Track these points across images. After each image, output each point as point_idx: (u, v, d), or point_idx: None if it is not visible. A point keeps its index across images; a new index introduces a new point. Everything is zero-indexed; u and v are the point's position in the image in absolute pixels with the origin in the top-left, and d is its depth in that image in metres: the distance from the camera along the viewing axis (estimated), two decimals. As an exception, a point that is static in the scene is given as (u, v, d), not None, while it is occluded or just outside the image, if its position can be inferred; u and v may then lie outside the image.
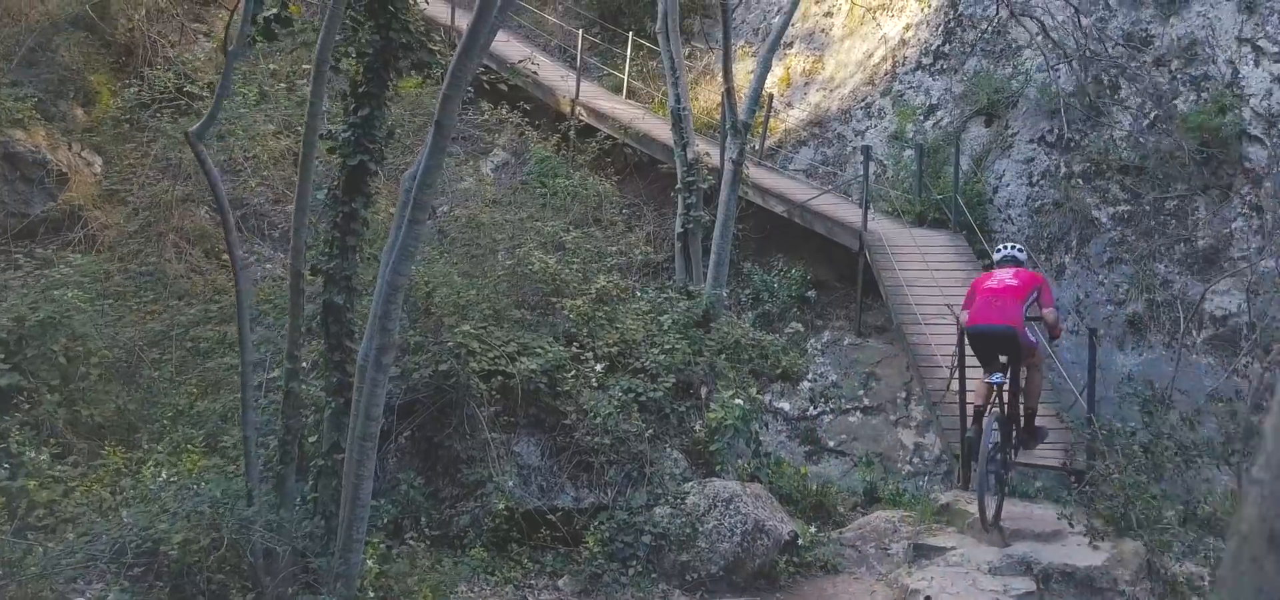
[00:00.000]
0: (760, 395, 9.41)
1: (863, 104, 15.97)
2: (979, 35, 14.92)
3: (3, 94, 13.45)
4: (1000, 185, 14.22)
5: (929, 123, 15.14)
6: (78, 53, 16.10)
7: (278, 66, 12.34)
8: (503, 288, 9.65)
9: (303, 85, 10.72)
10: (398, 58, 7.17)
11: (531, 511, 8.24)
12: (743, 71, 16.05)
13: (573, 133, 16.03)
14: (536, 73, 16.74)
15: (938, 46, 15.59)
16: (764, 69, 11.24)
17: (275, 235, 12.92)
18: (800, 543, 8.33)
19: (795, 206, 13.93)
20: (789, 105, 16.89)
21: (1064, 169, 13.89)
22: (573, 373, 8.75)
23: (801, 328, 11.51)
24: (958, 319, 9.17)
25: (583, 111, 16.55)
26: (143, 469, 7.05)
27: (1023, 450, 8.63)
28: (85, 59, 16.21)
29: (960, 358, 9.05)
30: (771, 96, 16.10)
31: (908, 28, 16.04)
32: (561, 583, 7.82)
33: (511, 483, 8.27)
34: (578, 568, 7.84)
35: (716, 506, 8.23)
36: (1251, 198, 12.81)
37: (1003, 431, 8.18)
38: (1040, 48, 13.91)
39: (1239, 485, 8.14)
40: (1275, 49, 13.23)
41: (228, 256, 6.36)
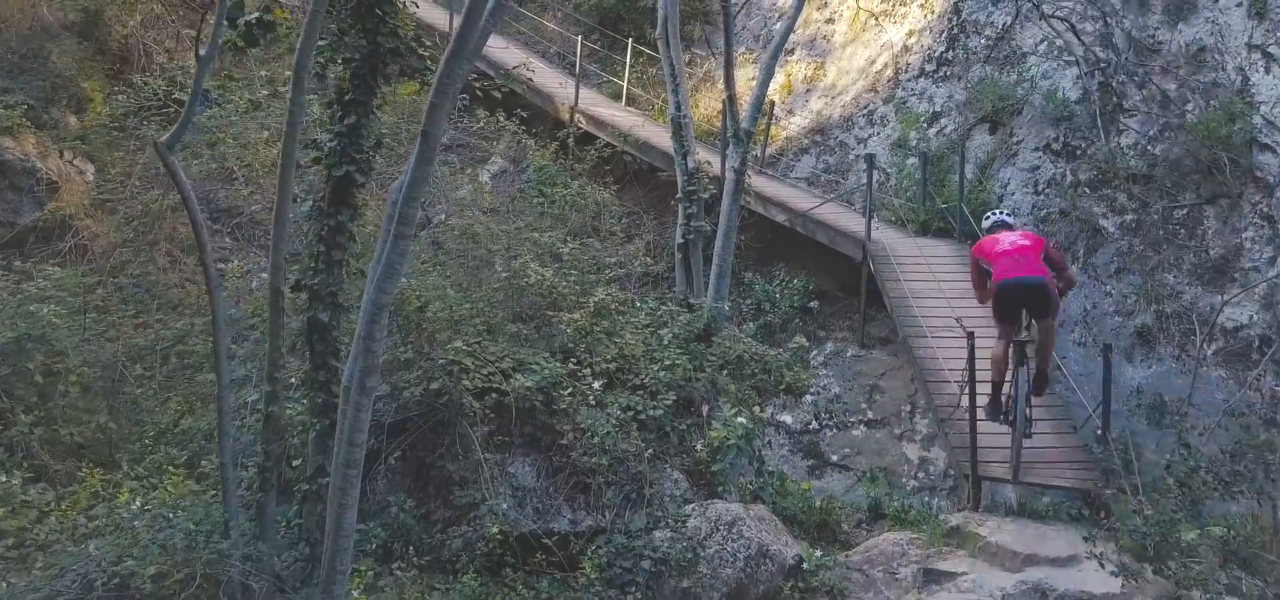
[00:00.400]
0: (762, 412, 8.98)
1: (865, 111, 15.55)
2: (987, 42, 14.51)
3: (-8, 101, 13.08)
4: (1005, 194, 13.79)
5: (932, 130, 14.72)
6: (71, 59, 15.70)
7: (270, 73, 11.92)
8: (498, 300, 9.24)
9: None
10: (386, 64, 6.77)
11: (526, 535, 7.85)
12: (743, 79, 15.64)
13: (572, 140, 15.62)
14: (532, 77, 16.31)
15: (941, 53, 15.17)
16: (767, 76, 10.82)
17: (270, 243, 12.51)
18: (805, 567, 7.93)
19: (797, 215, 13.51)
20: (790, 113, 16.48)
21: (1070, 177, 13.47)
22: (570, 390, 8.35)
23: (805, 341, 11.08)
24: (969, 334, 8.78)
25: (582, 119, 16.14)
26: (119, 494, 6.63)
27: (1034, 394, 8.52)
28: (78, 66, 15.81)
29: (971, 373, 8.64)
30: (773, 104, 15.68)
31: (910, 34, 15.63)
32: (557, 611, 7.41)
33: (506, 505, 7.87)
34: (574, 595, 7.43)
35: (718, 530, 7.83)
36: (1262, 207, 12.38)
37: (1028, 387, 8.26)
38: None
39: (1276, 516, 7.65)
40: (1286, 55, 12.81)
41: (215, 268, 5.93)
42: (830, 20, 16.89)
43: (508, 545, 7.60)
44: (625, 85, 17.61)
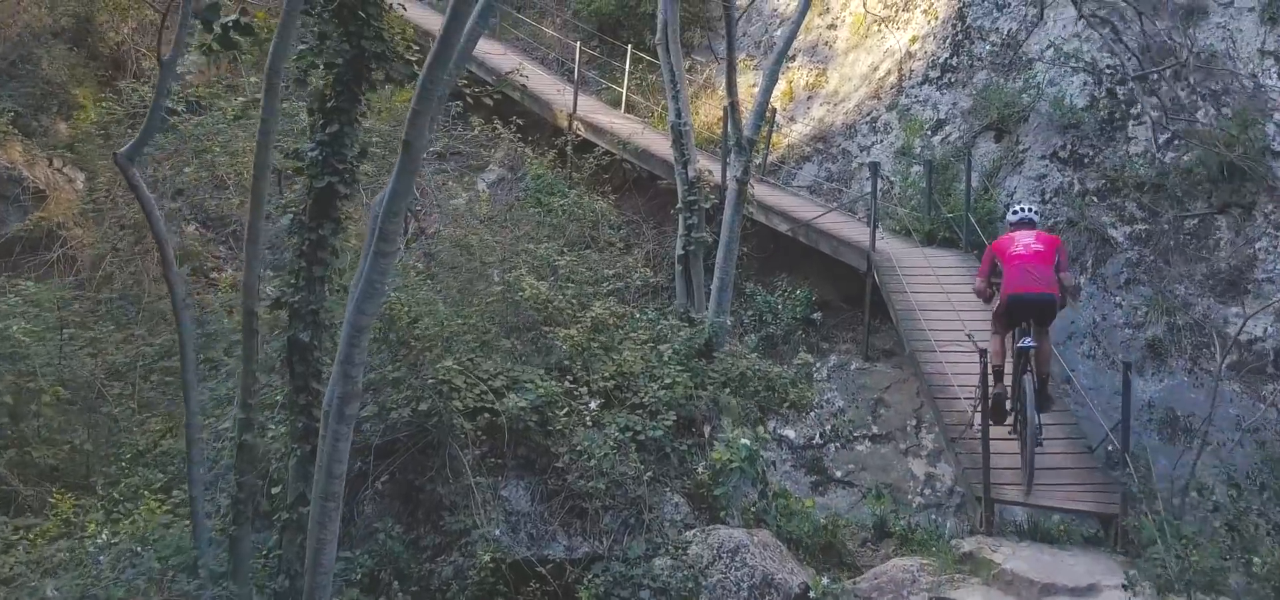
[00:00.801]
0: (765, 431, 8.52)
1: (868, 119, 15.11)
2: (992, 48, 14.07)
3: (-24, 108, 12.64)
4: (1011, 202, 13.34)
5: (937, 138, 14.28)
6: (62, 66, 15.27)
7: (261, 78, 11.43)
8: (492, 315, 8.78)
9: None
10: (370, 69, 6.31)
11: (520, 562, 7.37)
12: (744, 85, 15.18)
13: (570, 148, 15.18)
14: (526, 82, 15.85)
15: (945, 59, 14.73)
16: (770, 82, 10.35)
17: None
18: (812, 596, 7.46)
19: (800, 225, 13.05)
20: (791, 120, 16.03)
21: (1078, 186, 13.02)
22: (565, 409, 7.88)
23: (810, 357, 10.60)
24: (981, 351, 8.33)
25: (580, 126, 15.69)
26: (88, 525, 6.17)
27: (1042, 412, 8.44)
28: (70, 72, 15.39)
29: (984, 392, 8.19)
30: (774, 111, 15.23)
31: (914, 40, 15.18)
32: (552, 645, 6.95)
33: (498, 531, 7.40)
34: (570, 627, 6.97)
35: (721, 557, 7.37)
36: (1276, 216, 11.93)
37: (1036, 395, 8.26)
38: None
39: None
40: (1299, 62, 12.37)
41: (182, 286, 5.48)
42: (832, 26, 16.44)
43: (500, 573, 7.13)
44: (625, 92, 17.16)
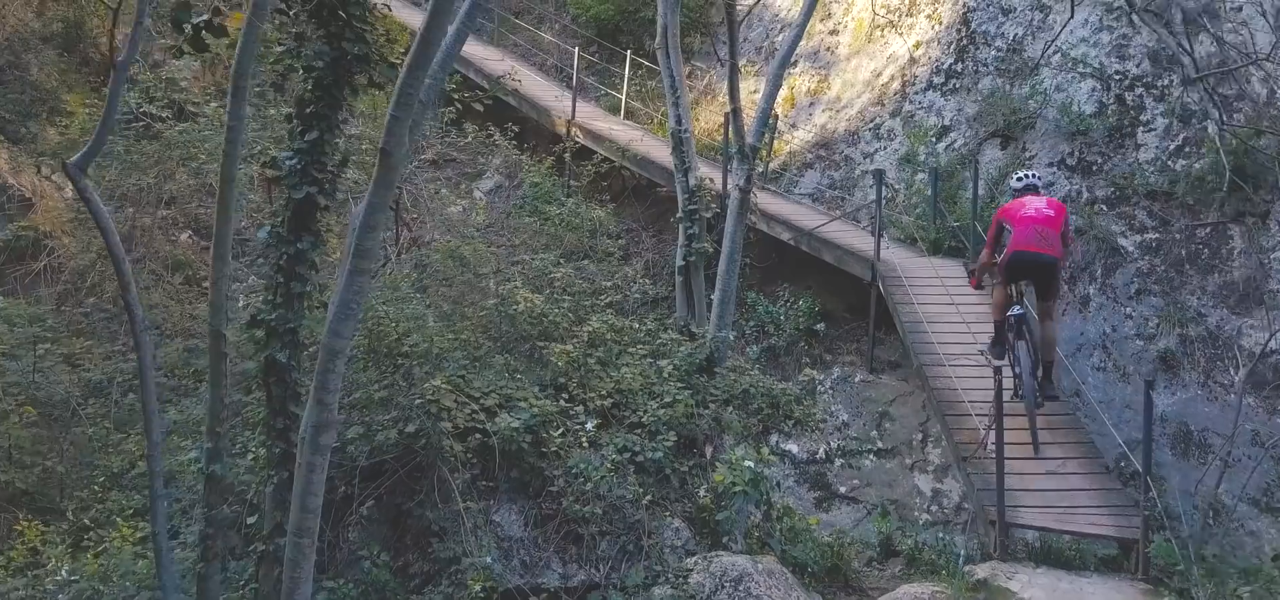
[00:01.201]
0: (771, 454, 8.05)
1: (871, 125, 14.65)
2: (997, 53, 13.63)
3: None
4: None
5: (941, 145, 13.82)
6: (52, 71, 14.84)
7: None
8: (485, 329, 8.32)
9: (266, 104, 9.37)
10: (352, 72, 5.86)
11: (512, 591, 6.90)
12: (745, 91, 14.71)
13: (568, 155, 14.72)
14: (519, 86, 15.39)
15: (950, 65, 14.27)
16: (774, 87, 9.87)
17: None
18: (821, 628, 7.01)
19: (802, 233, 12.59)
20: (793, 127, 15.57)
21: (1086, 194, 12.57)
22: (561, 429, 7.42)
23: (816, 373, 10.14)
24: (996, 368, 7.88)
25: (579, 133, 15.24)
26: (50, 557, 5.71)
27: (1047, 398, 8.56)
28: (61, 77, 14.95)
29: (998, 410, 7.72)
30: (776, 117, 14.78)
31: (918, 45, 14.73)
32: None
33: (490, 558, 6.92)
34: (565, 661, 6.51)
35: (724, 586, 6.89)
36: (1291, 226, 11.48)
37: (1032, 360, 8.40)
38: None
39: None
40: (1313, 67, 11.91)
41: (140, 310, 5.01)
42: (835, 31, 15.99)
43: (492, 603, 6.68)
44: (624, 98, 16.72)
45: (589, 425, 7.50)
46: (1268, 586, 6.56)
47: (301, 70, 5.77)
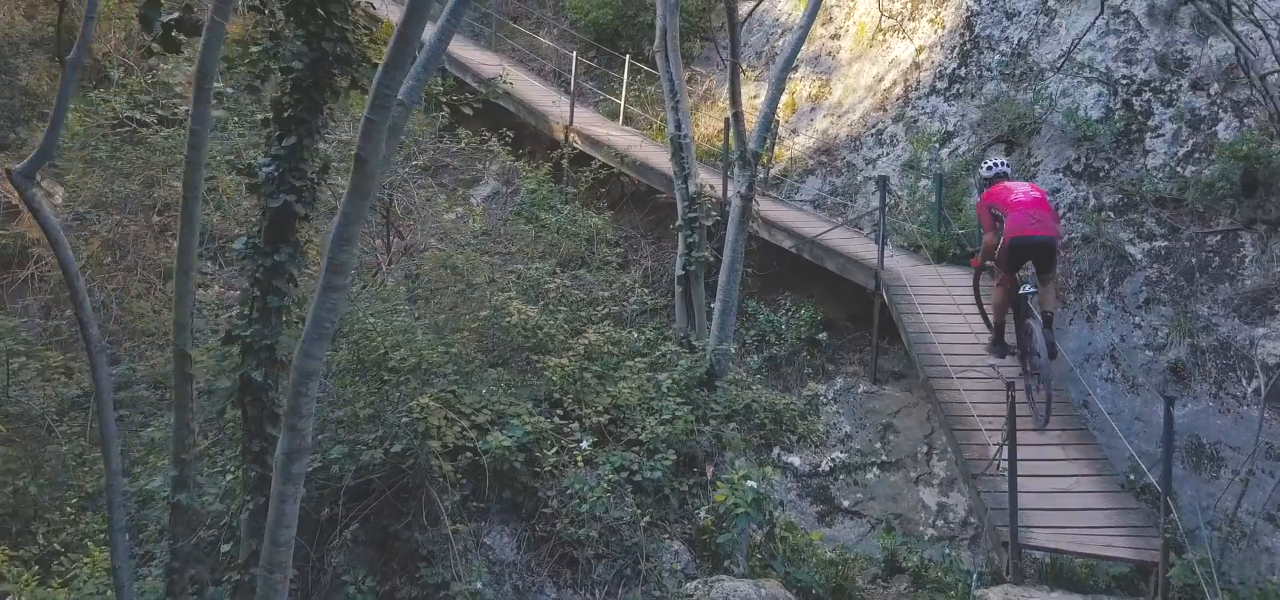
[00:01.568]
0: (774, 472, 7.64)
1: (873, 131, 14.25)
2: (1002, 57, 13.22)
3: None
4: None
5: (945, 151, 13.42)
6: (43, 76, 14.45)
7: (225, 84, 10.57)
8: (477, 342, 7.91)
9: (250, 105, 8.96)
10: (333, 73, 5.46)
11: (504, 618, 6.52)
12: (745, 97, 14.33)
13: (566, 161, 14.32)
14: (510, 87, 14.97)
15: (953, 70, 13.88)
16: (777, 91, 9.46)
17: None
18: (827, 657, 6.61)
19: (804, 241, 12.18)
20: (794, 132, 15.17)
21: (1093, 201, 12.17)
22: (555, 448, 7.01)
23: (818, 385, 9.74)
24: (1009, 384, 7.47)
25: (577, 138, 14.84)
26: (10, 589, 5.30)
27: (1051, 353, 8.58)
28: (52, 82, 14.56)
29: (1011, 428, 7.31)
30: (777, 123, 14.38)
31: (920, 50, 14.33)
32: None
33: (480, 583, 6.52)
34: (558, 695, 6.10)
35: (725, 614, 6.50)
36: (1304, 233, 11.06)
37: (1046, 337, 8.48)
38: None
39: None
40: (1325, 71, 11.50)
41: (95, 330, 4.61)
42: (836, 36, 15.60)
43: (482, 632, 6.28)
44: (623, 103, 16.31)
45: (584, 443, 7.10)
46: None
47: (279, 71, 5.37)
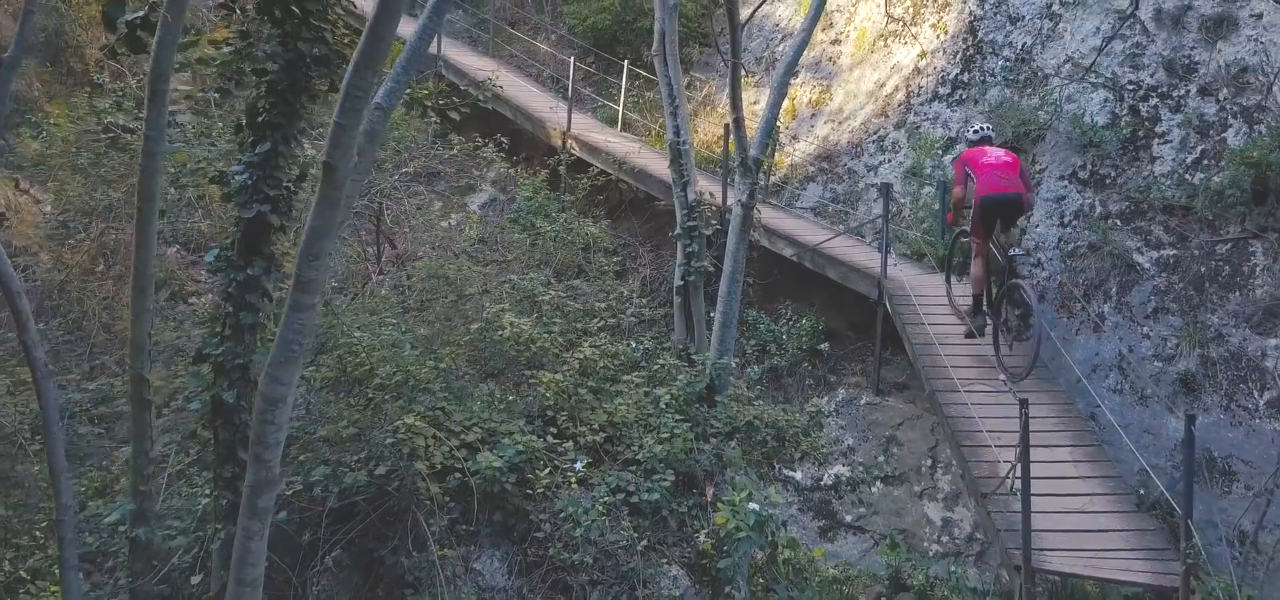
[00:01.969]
0: (777, 496, 7.24)
1: (875, 137, 13.86)
2: (1006, 63, 12.83)
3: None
4: (1028, 226, 12.10)
5: (948, 157, 13.02)
6: (33, 81, 14.06)
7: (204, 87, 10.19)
8: (467, 356, 7.51)
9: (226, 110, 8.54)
10: (311, 76, 5.06)
11: (494, 648, 6.12)
12: (745, 102, 13.95)
13: (563, 168, 13.93)
14: (500, 89, 14.58)
15: (956, 75, 13.49)
16: (779, 96, 9.06)
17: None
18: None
19: (806, 249, 11.79)
20: (795, 139, 14.78)
21: (1100, 208, 11.77)
22: (548, 468, 6.61)
23: (822, 400, 9.35)
24: (1022, 401, 7.07)
25: (574, 144, 14.45)
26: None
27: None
28: (43, 88, 14.19)
29: (1024, 449, 6.91)
30: (777, 130, 13.99)
31: (923, 55, 13.95)
32: None
33: (469, 611, 6.13)
34: None
35: (726, 643, 6.11)
36: (1316, 242, 10.67)
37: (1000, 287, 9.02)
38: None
39: None
40: (1336, 77, 11.11)
41: (41, 354, 4.21)
42: (836, 41, 15.21)
43: (470, 664, 5.87)
44: (621, 109, 15.92)
45: (579, 463, 6.69)
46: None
47: (252, 74, 4.97)
